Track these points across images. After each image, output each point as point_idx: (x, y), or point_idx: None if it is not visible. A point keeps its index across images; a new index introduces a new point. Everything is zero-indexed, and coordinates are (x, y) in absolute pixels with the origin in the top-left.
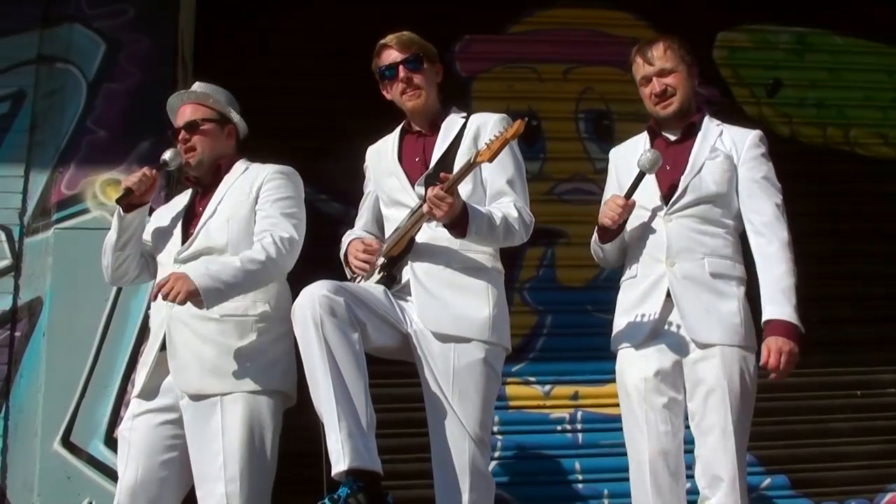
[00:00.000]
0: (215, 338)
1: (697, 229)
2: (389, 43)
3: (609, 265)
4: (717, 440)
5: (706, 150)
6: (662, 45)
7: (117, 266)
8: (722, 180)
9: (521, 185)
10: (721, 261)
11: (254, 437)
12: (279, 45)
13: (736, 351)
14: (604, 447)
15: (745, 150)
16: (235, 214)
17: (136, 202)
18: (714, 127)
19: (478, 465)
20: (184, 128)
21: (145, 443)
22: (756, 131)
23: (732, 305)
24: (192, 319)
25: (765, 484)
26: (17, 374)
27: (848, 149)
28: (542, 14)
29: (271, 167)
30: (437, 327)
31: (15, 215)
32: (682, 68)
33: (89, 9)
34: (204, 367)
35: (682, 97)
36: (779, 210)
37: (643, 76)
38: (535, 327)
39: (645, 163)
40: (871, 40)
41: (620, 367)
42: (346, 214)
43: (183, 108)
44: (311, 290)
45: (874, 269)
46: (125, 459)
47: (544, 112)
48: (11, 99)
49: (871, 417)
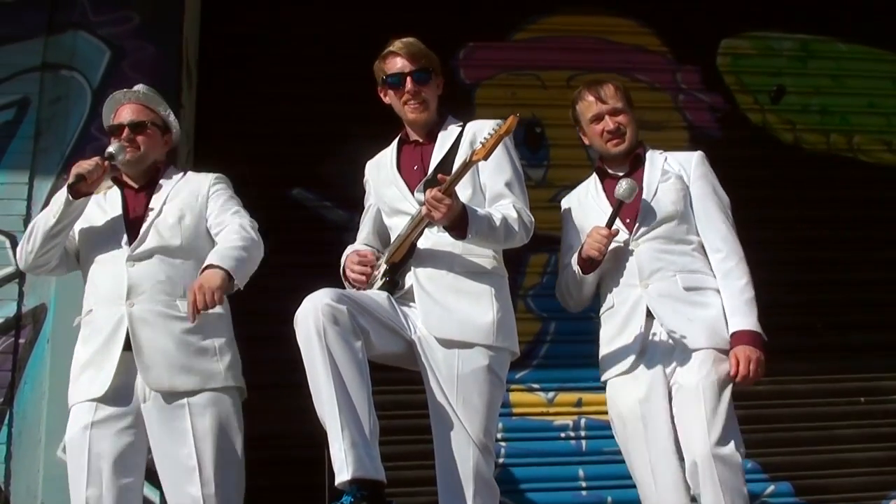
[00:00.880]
0: (181, 335)
1: (665, 249)
2: (398, 51)
3: (581, 304)
4: (699, 433)
5: (657, 175)
6: (612, 86)
7: (43, 252)
8: (677, 199)
9: (520, 187)
10: (692, 275)
11: (224, 437)
12: (283, 51)
13: (713, 353)
14: (607, 454)
15: (692, 170)
16: (186, 216)
17: (84, 190)
18: (658, 155)
19: (482, 472)
20: (129, 126)
21: (111, 454)
22: (698, 152)
23: (713, 311)
24: (157, 318)
25: (768, 491)
26: (21, 380)
27: (851, 155)
28: (546, 21)
29: (210, 174)
30: (441, 333)
31: (19, 222)
32: (629, 110)
33: (94, 16)
34: (173, 365)
35: (631, 136)
36: (729, 222)
37: (595, 114)
38: (539, 334)
39: (623, 192)
40: (874, 47)
41: (611, 395)
42: (349, 220)
43: (127, 106)
44: (313, 299)
45: (878, 276)
46: (85, 471)
47: (548, 119)
48: (16, 106)
49: (876, 424)
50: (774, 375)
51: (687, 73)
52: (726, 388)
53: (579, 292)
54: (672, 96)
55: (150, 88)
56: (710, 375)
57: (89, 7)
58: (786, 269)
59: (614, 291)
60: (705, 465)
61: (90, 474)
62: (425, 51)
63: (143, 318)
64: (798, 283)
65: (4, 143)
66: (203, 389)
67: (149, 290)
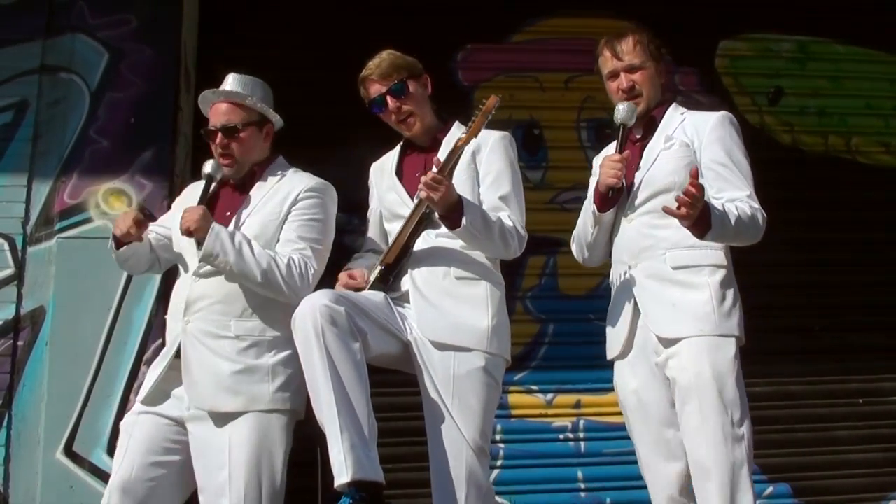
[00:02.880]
0: (231, 356)
1: (657, 224)
2: (369, 75)
3: (595, 255)
4: (697, 430)
5: (661, 143)
6: (632, 40)
7: (123, 262)
8: (676, 168)
9: (517, 202)
10: (686, 251)
11: (262, 456)
12: (281, 54)
13: (706, 340)
14: (606, 456)
15: (706, 133)
16: (263, 233)
17: (126, 241)
18: (677, 116)
19: (476, 474)
20: (221, 131)
21: (146, 438)
22: (720, 112)
23: (702, 295)
24: (207, 337)
25: (767, 492)
26: (20, 383)
27: (850, 157)
28: (544, 23)
29: (307, 181)
30: (434, 336)
31: (18, 224)
32: (651, 65)
33: (93, 19)
34: (219, 385)
35: (648, 96)
36: (748, 189)
37: (611, 71)
38: (537, 336)
39: (623, 115)
40: (872, 49)
41: (615, 380)
42: (346, 223)
43: (219, 105)
44: (311, 300)
45: (876, 278)
46: (123, 451)
47: (546, 121)
48: (15, 108)
49: (874, 426)
50: (773, 377)
51: (685, 75)
52: (727, 378)
53: (594, 239)
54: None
55: (243, 78)
56: (702, 372)
57: (88, 10)
58: (784, 270)
59: (614, 266)
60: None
61: (125, 456)
62: (397, 62)
63: (195, 336)
64: (796, 285)
65: (3, 145)
66: (247, 411)
67: (205, 308)
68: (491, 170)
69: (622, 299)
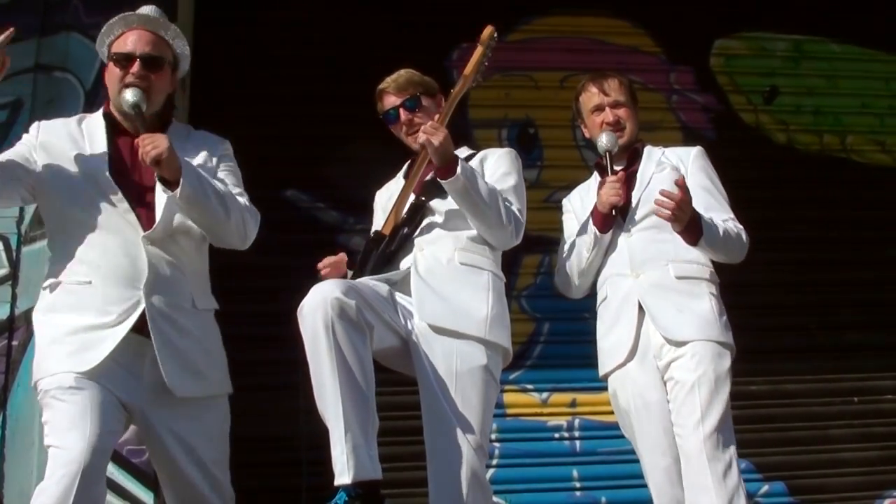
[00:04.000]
0: (195, 336)
1: (657, 238)
2: (387, 88)
3: (587, 282)
4: (692, 432)
5: (652, 166)
6: (617, 79)
7: None
8: (671, 187)
9: (517, 196)
10: (686, 265)
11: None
12: (277, 53)
13: (710, 345)
14: (601, 455)
15: (690, 162)
16: None
17: None
18: (656, 149)
19: (475, 471)
20: (142, 59)
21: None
22: (697, 147)
23: (705, 304)
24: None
25: (762, 491)
26: (15, 383)
27: (844, 156)
28: (539, 22)
29: (217, 137)
30: (434, 320)
31: (12, 224)
32: (631, 104)
33: (87, 17)
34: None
35: (630, 131)
36: (730, 213)
37: (596, 105)
38: (533, 335)
39: (606, 144)
40: (867, 48)
41: (612, 390)
42: (343, 222)
43: (140, 32)
44: (322, 291)
45: (871, 276)
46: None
47: (541, 120)
48: (9, 107)
49: (869, 424)
50: (768, 375)
51: (680, 74)
52: (723, 386)
53: (589, 264)
54: (665, 97)
55: (160, 12)
56: (707, 373)
57: (82, 8)
58: (779, 269)
59: (608, 282)
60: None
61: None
62: (415, 79)
63: (162, 312)
64: (791, 284)
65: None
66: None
67: (169, 278)
68: (497, 171)
69: (625, 308)
